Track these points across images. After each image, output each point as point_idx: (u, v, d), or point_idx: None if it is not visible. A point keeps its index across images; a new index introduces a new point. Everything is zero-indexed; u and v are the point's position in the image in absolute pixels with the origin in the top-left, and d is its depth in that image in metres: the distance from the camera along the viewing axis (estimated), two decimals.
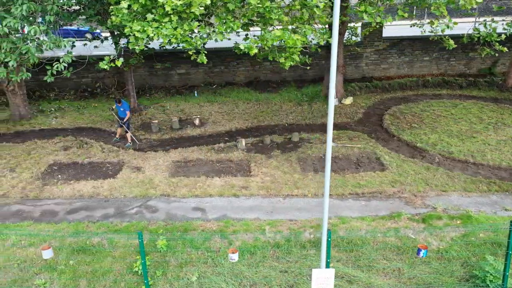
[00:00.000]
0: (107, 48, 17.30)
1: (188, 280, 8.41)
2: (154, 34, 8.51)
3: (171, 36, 8.52)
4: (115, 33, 13.39)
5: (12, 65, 9.56)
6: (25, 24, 9.20)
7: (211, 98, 18.20)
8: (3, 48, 9.35)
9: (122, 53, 15.33)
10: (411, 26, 16.56)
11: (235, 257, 7.26)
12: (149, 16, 8.62)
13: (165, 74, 19.79)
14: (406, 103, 17.06)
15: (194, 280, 8.42)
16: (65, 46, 10.05)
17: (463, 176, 11.28)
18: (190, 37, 8.86)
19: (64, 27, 12.58)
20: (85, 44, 14.56)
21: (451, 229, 9.16)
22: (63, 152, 13.42)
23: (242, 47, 8.90)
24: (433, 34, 15.51)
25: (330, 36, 10.58)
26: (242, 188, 11.03)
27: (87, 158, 12.98)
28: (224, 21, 8.63)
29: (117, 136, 14.38)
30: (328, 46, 14.45)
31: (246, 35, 10.86)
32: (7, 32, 9.03)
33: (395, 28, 22.21)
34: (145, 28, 8.55)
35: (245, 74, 20.26)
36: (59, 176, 11.96)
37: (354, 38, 17.71)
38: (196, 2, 7.92)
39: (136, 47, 9.01)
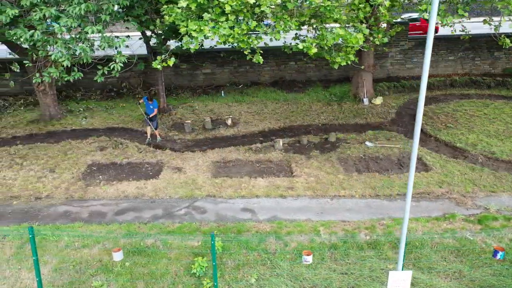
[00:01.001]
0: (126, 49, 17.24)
1: (247, 282, 8.34)
2: (211, 34, 8.43)
3: (229, 35, 8.44)
4: (159, 32, 13.33)
5: (66, 65, 9.48)
6: (80, 24, 9.10)
7: (238, 98, 18.11)
8: (57, 48, 9.28)
9: (152, 52, 15.29)
10: (442, 26, 16.46)
11: (309, 259, 7.19)
12: (206, 16, 8.54)
13: (190, 74, 19.71)
14: (436, 103, 16.97)
15: (253, 282, 8.34)
16: (119, 45, 9.96)
17: (510, 176, 11.19)
18: (247, 36, 8.77)
19: None
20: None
21: (508, 230, 9.07)
22: (99, 152, 13.35)
23: (301, 46, 8.81)
24: (464, 33, 15.43)
25: (385, 36, 10.51)
26: (288, 189, 10.95)
27: (125, 158, 12.90)
28: (281, 20, 8.55)
29: (149, 137, 14.37)
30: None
31: (296, 34, 10.78)
32: (64, 31, 8.95)
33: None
34: (201, 28, 8.47)
35: (270, 74, 20.17)
36: (100, 176, 11.89)
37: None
38: (266, 1, 7.84)
39: (191, 46, 8.93)
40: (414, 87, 18.70)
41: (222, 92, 18.64)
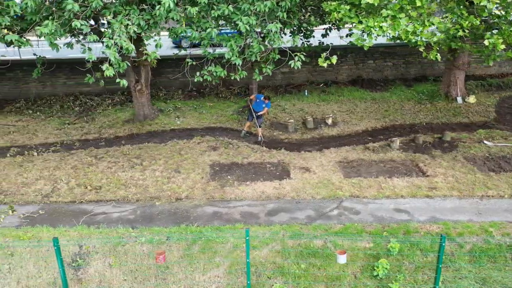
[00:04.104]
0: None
1: (433, 285, 8.13)
2: (392, 30, 8.25)
3: (410, 32, 8.26)
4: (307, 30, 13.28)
5: (239, 64, 9.30)
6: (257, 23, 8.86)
7: (323, 97, 17.88)
8: (231, 47, 9.08)
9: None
10: None
11: None
12: (384, 12, 8.35)
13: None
14: None
15: (439, 285, 8.14)
16: (295, 42, 9.77)
17: None
18: (425, 32, 8.59)
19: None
20: None
21: None
22: (214, 152, 13.16)
23: (486, 42, 8.59)
24: None
25: None
26: (431, 189, 10.73)
27: (244, 158, 12.71)
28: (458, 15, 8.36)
29: (245, 130, 14.34)
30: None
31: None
32: (248, 29, 8.72)
33: None
34: (380, 25, 8.29)
35: (348, 72, 19.96)
36: (228, 177, 11.70)
37: None
38: None
39: (365, 44, 8.75)
40: (500, 85, 18.46)
41: (305, 91, 18.43)
